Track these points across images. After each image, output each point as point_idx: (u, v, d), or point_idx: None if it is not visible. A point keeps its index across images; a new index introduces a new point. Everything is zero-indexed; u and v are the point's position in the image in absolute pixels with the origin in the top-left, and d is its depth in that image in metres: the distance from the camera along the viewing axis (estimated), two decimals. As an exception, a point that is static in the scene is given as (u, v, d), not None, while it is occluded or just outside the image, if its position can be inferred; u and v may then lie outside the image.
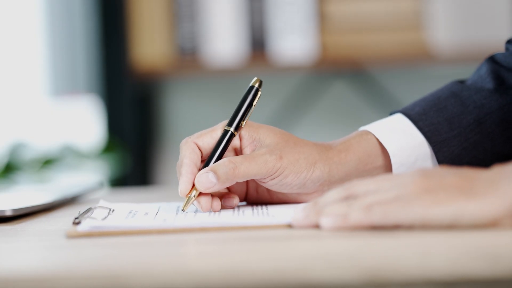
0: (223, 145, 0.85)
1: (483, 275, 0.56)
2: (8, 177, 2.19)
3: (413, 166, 0.87)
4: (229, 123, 0.86)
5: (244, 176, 0.82)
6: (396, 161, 0.87)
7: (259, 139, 0.86)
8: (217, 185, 0.82)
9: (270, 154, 0.83)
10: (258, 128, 0.86)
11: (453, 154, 0.87)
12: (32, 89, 2.63)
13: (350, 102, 2.37)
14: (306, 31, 2.18)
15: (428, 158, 0.88)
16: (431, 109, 0.89)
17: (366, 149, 0.87)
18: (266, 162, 0.83)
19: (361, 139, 0.88)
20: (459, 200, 0.65)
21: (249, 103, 0.88)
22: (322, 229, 0.69)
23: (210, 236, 0.71)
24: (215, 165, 0.82)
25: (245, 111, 0.87)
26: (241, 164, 0.82)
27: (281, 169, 0.83)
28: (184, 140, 0.86)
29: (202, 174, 0.82)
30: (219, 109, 2.41)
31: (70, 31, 2.58)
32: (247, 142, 0.86)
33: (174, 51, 2.22)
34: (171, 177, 2.42)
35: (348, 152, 0.87)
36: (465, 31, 2.14)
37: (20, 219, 0.89)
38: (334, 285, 0.56)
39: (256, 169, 0.82)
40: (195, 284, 0.56)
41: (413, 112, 0.89)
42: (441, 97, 0.90)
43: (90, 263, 0.61)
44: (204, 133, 0.86)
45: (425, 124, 0.88)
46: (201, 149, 0.85)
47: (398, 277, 0.56)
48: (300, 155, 0.84)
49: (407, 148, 0.87)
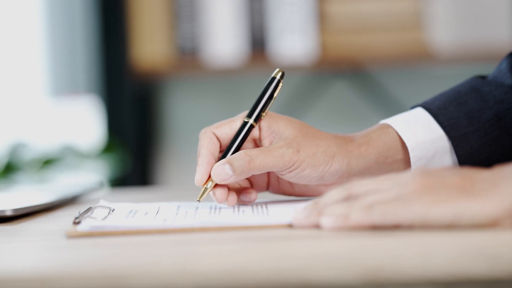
0: (242, 136, 0.85)
1: (483, 275, 0.56)
2: (8, 177, 2.19)
3: (432, 161, 0.87)
4: (248, 114, 0.86)
5: (260, 169, 0.82)
6: (415, 155, 0.87)
7: (278, 130, 0.86)
8: (233, 177, 0.82)
9: (288, 147, 0.83)
10: (277, 120, 0.86)
11: (472, 149, 0.87)
12: (32, 89, 2.62)
13: (350, 102, 2.37)
14: (306, 31, 2.18)
15: (447, 153, 0.88)
16: (451, 103, 0.89)
17: (386, 142, 0.87)
18: (283, 155, 0.83)
19: (382, 133, 0.88)
20: (459, 200, 0.65)
21: (270, 94, 0.88)
22: (323, 229, 0.69)
23: (210, 236, 0.71)
24: (231, 157, 0.83)
25: (265, 102, 0.87)
26: (256, 157, 0.82)
27: (298, 162, 0.83)
28: (203, 130, 0.86)
29: (218, 166, 0.82)
30: (219, 109, 2.41)
31: (70, 31, 2.58)
32: (266, 134, 0.86)
33: (174, 51, 2.22)
34: (171, 177, 2.42)
35: (368, 146, 0.86)
36: (465, 31, 2.14)
37: (20, 219, 0.89)
38: (334, 285, 0.56)
39: (273, 162, 0.83)
40: (195, 284, 0.56)
41: (433, 106, 0.89)
42: (461, 92, 0.90)
43: (90, 263, 0.61)
44: (223, 123, 0.87)
45: (445, 119, 0.88)
46: (219, 139, 0.86)
47: (398, 277, 0.56)
48: (318, 148, 0.84)
49: (426, 142, 0.87)
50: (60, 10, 2.59)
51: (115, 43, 2.24)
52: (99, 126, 2.32)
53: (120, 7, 2.23)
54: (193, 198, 1.00)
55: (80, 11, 2.52)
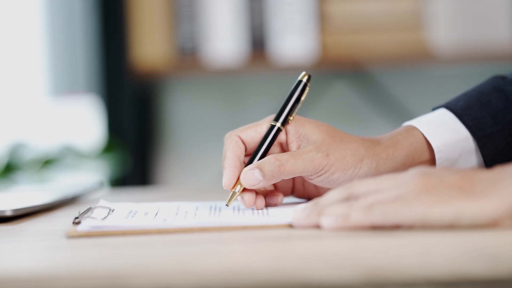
0: (269, 140, 0.85)
1: (483, 275, 0.56)
2: (8, 177, 2.19)
3: (457, 161, 0.88)
4: (276, 118, 0.86)
5: (290, 173, 0.82)
6: (441, 156, 0.87)
7: (305, 134, 0.85)
8: (262, 182, 0.82)
9: (317, 151, 0.83)
10: (304, 123, 0.86)
11: (497, 149, 0.87)
12: (32, 89, 2.62)
13: (350, 102, 2.37)
14: (306, 31, 2.18)
15: (472, 153, 0.88)
16: (475, 103, 0.89)
17: (412, 144, 0.87)
18: (313, 160, 0.83)
19: (408, 135, 0.88)
20: (459, 200, 0.65)
21: (297, 98, 0.88)
22: (323, 229, 0.69)
23: (210, 236, 0.71)
24: (261, 162, 0.82)
25: (292, 106, 0.87)
26: (287, 161, 0.82)
27: (328, 166, 0.83)
28: (228, 134, 0.86)
29: (247, 170, 0.82)
30: (219, 109, 2.40)
31: (70, 31, 2.58)
32: (293, 137, 0.86)
33: (174, 51, 2.22)
34: (171, 177, 2.42)
35: (396, 148, 0.87)
36: (465, 31, 2.14)
37: (20, 219, 0.89)
38: (334, 285, 0.56)
39: (302, 166, 0.82)
40: (195, 284, 0.56)
41: (457, 107, 0.89)
42: (484, 92, 0.90)
43: (90, 263, 0.61)
44: (248, 126, 0.86)
45: (470, 119, 0.88)
46: (245, 143, 0.85)
47: (398, 277, 0.56)
48: (347, 152, 0.84)
49: (451, 143, 0.87)
50: (60, 10, 2.59)
51: (115, 43, 2.24)
52: (99, 126, 2.32)
53: (120, 7, 2.23)
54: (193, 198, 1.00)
55: (80, 11, 2.52)
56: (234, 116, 2.37)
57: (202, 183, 2.38)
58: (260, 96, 2.39)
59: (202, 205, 0.87)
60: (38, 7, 2.60)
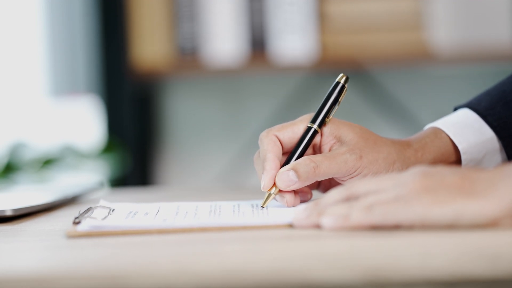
0: (306, 142, 0.86)
1: (483, 275, 0.56)
2: (8, 177, 2.19)
3: (482, 161, 0.88)
4: (313, 120, 0.87)
5: (324, 175, 0.83)
6: (466, 158, 0.88)
7: (340, 136, 0.86)
8: (297, 183, 0.82)
9: (350, 153, 0.84)
10: (339, 125, 0.87)
11: None
12: (32, 89, 2.62)
13: (350, 102, 2.37)
14: (306, 31, 2.18)
15: (497, 153, 0.88)
16: (498, 103, 0.89)
17: (440, 147, 0.88)
18: (346, 162, 0.83)
19: (435, 138, 0.88)
20: (459, 200, 0.65)
21: (334, 100, 0.88)
22: (323, 229, 0.69)
23: (210, 236, 0.71)
24: (296, 164, 0.83)
25: (329, 108, 0.87)
26: (321, 163, 0.82)
27: (361, 168, 0.84)
28: (265, 133, 0.86)
29: (283, 172, 0.83)
30: (219, 109, 2.40)
31: (70, 31, 2.58)
32: (327, 139, 0.86)
33: (174, 51, 2.22)
34: (171, 177, 2.42)
35: (424, 152, 0.87)
36: (465, 31, 2.14)
37: (20, 219, 0.89)
38: (334, 285, 0.56)
39: (336, 168, 0.83)
40: (195, 284, 0.56)
41: (481, 107, 0.89)
42: (506, 91, 0.90)
43: (90, 263, 0.61)
44: (285, 126, 0.86)
45: (494, 119, 0.88)
46: (281, 142, 0.86)
47: (398, 277, 0.56)
48: (380, 155, 0.85)
49: (477, 144, 0.88)
50: (60, 10, 2.59)
51: (115, 43, 2.24)
52: (99, 126, 2.32)
53: (120, 7, 2.23)
54: (193, 198, 1.00)
55: (80, 11, 2.52)
56: (234, 116, 2.37)
57: (202, 183, 2.38)
58: (260, 96, 2.39)
59: (202, 205, 0.87)
60: (38, 7, 2.60)
